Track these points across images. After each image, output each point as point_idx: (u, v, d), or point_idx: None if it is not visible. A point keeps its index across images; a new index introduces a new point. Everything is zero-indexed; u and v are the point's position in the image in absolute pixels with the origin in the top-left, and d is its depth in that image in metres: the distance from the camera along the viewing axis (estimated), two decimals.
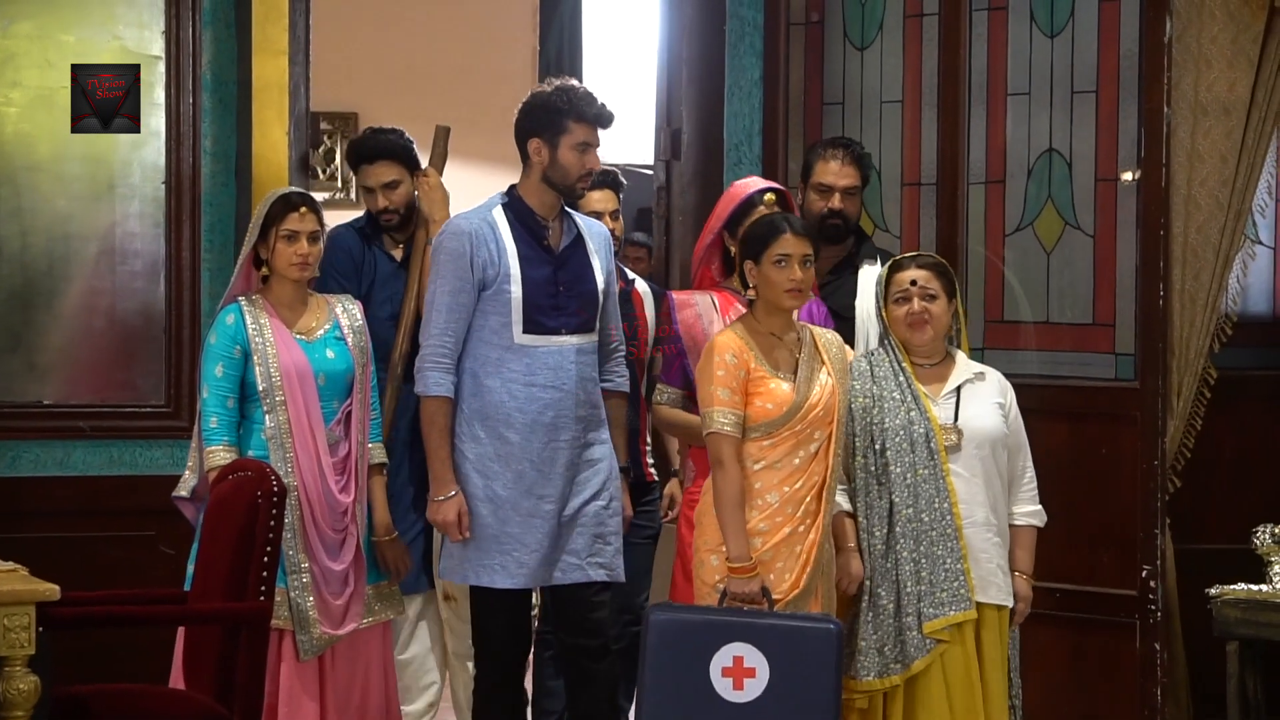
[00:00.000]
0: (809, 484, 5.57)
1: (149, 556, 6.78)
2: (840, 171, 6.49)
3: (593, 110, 5.81)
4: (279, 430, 5.91)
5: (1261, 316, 7.62)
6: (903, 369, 5.82)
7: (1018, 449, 5.90)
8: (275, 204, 5.96)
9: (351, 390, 6.03)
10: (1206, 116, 7.05)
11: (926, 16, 7.45)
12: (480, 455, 5.77)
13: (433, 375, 5.76)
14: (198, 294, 6.98)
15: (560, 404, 5.77)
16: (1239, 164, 7.07)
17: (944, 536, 5.70)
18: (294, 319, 6.01)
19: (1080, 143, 7.16)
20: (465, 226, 5.80)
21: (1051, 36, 7.24)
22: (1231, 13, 7.05)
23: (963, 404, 5.82)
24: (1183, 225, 7.00)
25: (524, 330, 5.75)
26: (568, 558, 5.80)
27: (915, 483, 5.73)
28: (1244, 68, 7.06)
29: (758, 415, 5.55)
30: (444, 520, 5.76)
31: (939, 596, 5.67)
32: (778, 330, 5.65)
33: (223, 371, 5.92)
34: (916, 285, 5.83)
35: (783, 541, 5.53)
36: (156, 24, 6.97)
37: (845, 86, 7.67)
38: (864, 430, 5.79)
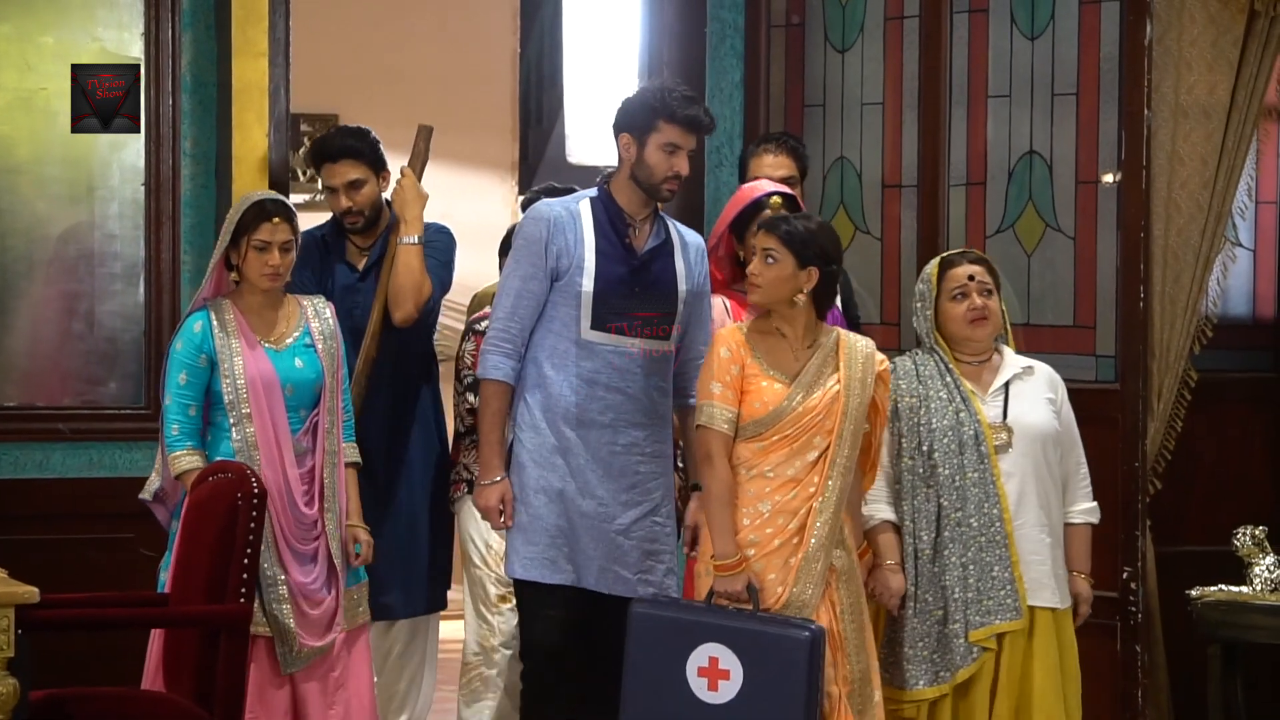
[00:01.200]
0: (804, 495, 5.38)
1: (129, 559, 6.76)
2: (775, 163, 6.46)
3: (685, 112, 5.61)
4: (245, 443, 5.83)
5: (1241, 319, 7.63)
6: (949, 368, 5.72)
7: (1071, 445, 5.81)
8: (249, 211, 5.86)
9: (320, 399, 5.93)
10: (1187, 119, 7.06)
11: (907, 19, 7.46)
12: (538, 446, 5.63)
13: (491, 358, 5.63)
14: (177, 296, 6.97)
15: (620, 407, 5.62)
16: (1219, 167, 7.08)
17: (993, 542, 5.59)
18: (263, 325, 5.92)
19: (1061, 145, 7.17)
20: (547, 212, 5.67)
21: (1032, 39, 7.25)
22: (1211, 16, 7.06)
23: (1012, 401, 5.71)
24: (1163, 228, 7.01)
25: (592, 326, 5.61)
26: (618, 569, 5.63)
27: (964, 485, 5.62)
28: (1224, 70, 7.07)
29: (747, 414, 5.39)
30: (486, 506, 5.64)
31: (985, 604, 5.57)
32: (789, 330, 5.46)
33: (186, 379, 5.84)
34: (975, 281, 5.72)
35: (774, 553, 5.37)
36: (136, 26, 6.95)
37: (826, 89, 7.67)
38: (910, 431, 5.68)
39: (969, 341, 5.73)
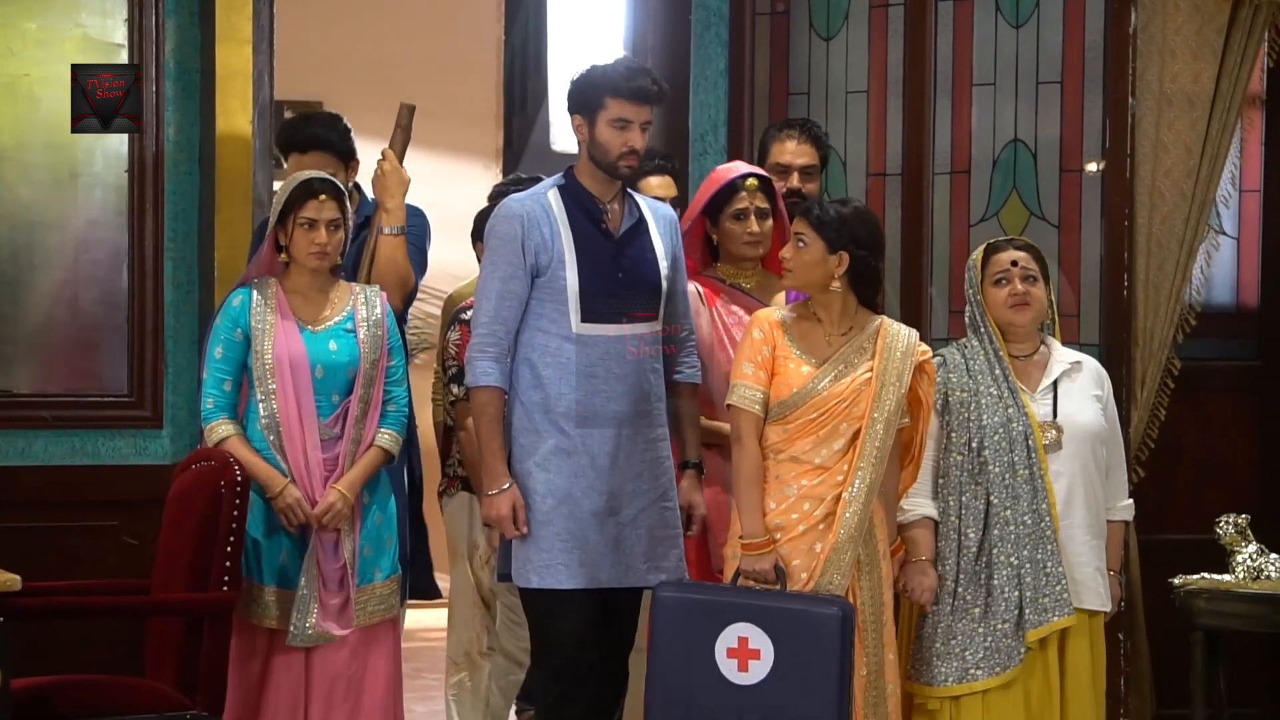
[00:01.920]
0: (831, 482, 5.31)
1: (112, 546, 6.76)
2: (797, 150, 6.33)
3: (630, 84, 5.43)
4: (272, 420, 5.66)
5: (1225, 307, 7.63)
6: (999, 360, 5.61)
7: (1114, 441, 5.74)
8: (296, 189, 5.69)
9: (354, 386, 5.73)
10: (1171, 107, 7.06)
11: (892, 7, 7.45)
12: (542, 449, 5.44)
13: (480, 364, 5.44)
14: (160, 283, 6.95)
15: (623, 397, 5.46)
16: (1203, 155, 7.08)
17: (1043, 540, 5.49)
18: (307, 307, 5.75)
19: (1045, 133, 7.17)
20: (517, 209, 5.48)
21: (1017, 27, 7.25)
22: (1196, 4, 7.06)
23: (1061, 399, 5.62)
24: (1147, 216, 7.01)
25: (583, 319, 5.44)
26: (628, 560, 5.46)
27: (1014, 484, 5.52)
28: (1208, 59, 7.07)
29: (774, 395, 5.33)
30: (498, 515, 5.41)
31: (1043, 602, 5.47)
32: (824, 315, 5.39)
33: (222, 353, 5.70)
34: (1018, 266, 5.62)
35: (799, 538, 5.30)
36: (119, 12, 6.93)
37: (810, 77, 7.66)
38: (961, 426, 5.57)
39: (1012, 327, 5.63)
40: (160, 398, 6.96)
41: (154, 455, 6.95)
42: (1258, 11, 7.10)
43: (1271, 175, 7.60)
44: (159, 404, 6.96)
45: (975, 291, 5.67)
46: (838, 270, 5.36)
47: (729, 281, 5.95)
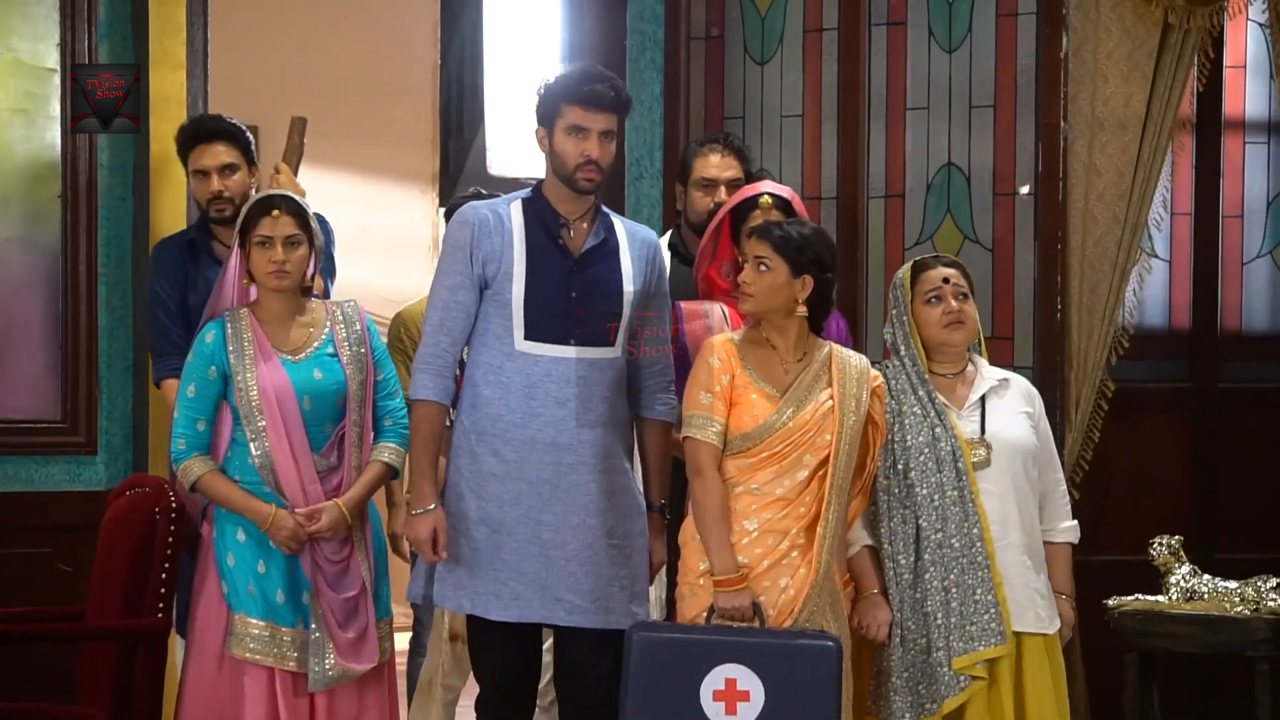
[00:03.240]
0: (795, 515, 5.06)
1: (45, 573, 6.71)
2: (722, 164, 6.06)
3: (582, 89, 5.17)
4: (265, 458, 5.40)
5: (1157, 329, 7.68)
6: (923, 381, 5.36)
7: (1049, 460, 5.49)
8: (250, 208, 5.47)
9: (346, 411, 5.49)
10: (1103, 131, 7.11)
11: (826, 31, 7.48)
12: (476, 472, 5.17)
13: (420, 378, 5.17)
14: (94, 308, 6.92)
15: (563, 422, 5.14)
16: (1135, 178, 7.13)
17: (974, 564, 5.24)
18: (282, 334, 5.48)
19: (979, 157, 7.21)
20: (472, 216, 5.22)
21: (950, 51, 7.28)
22: (1127, 29, 7.11)
23: (989, 415, 5.38)
24: (1080, 239, 7.06)
25: (525, 336, 5.16)
26: (571, 597, 5.14)
27: (943, 505, 5.27)
28: (1139, 83, 7.12)
29: (735, 427, 5.08)
30: (416, 537, 5.14)
31: (969, 630, 5.23)
32: (780, 341, 5.17)
33: (195, 392, 5.43)
34: (950, 284, 5.38)
35: (763, 574, 5.05)
36: (52, 37, 6.90)
37: (745, 101, 7.68)
38: (885, 450, 5.30)
39: (945, 347, 5.40)
40: (94, 424, 6.92)
41: (88, 481, 6.91)
42: (1187, 36, 7.16)
43: (1202, 198, 7.66)
44: (93, 430, 6.91)
45: (902, 311, 5.43)
46: (801, 294, 5.16)
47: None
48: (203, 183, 6.11)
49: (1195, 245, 7.68)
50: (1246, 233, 7.77)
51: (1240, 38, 7.64)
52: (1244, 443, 7.60)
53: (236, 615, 5.36)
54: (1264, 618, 6.44)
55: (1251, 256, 7.79)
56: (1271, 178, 7.76)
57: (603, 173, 5.24)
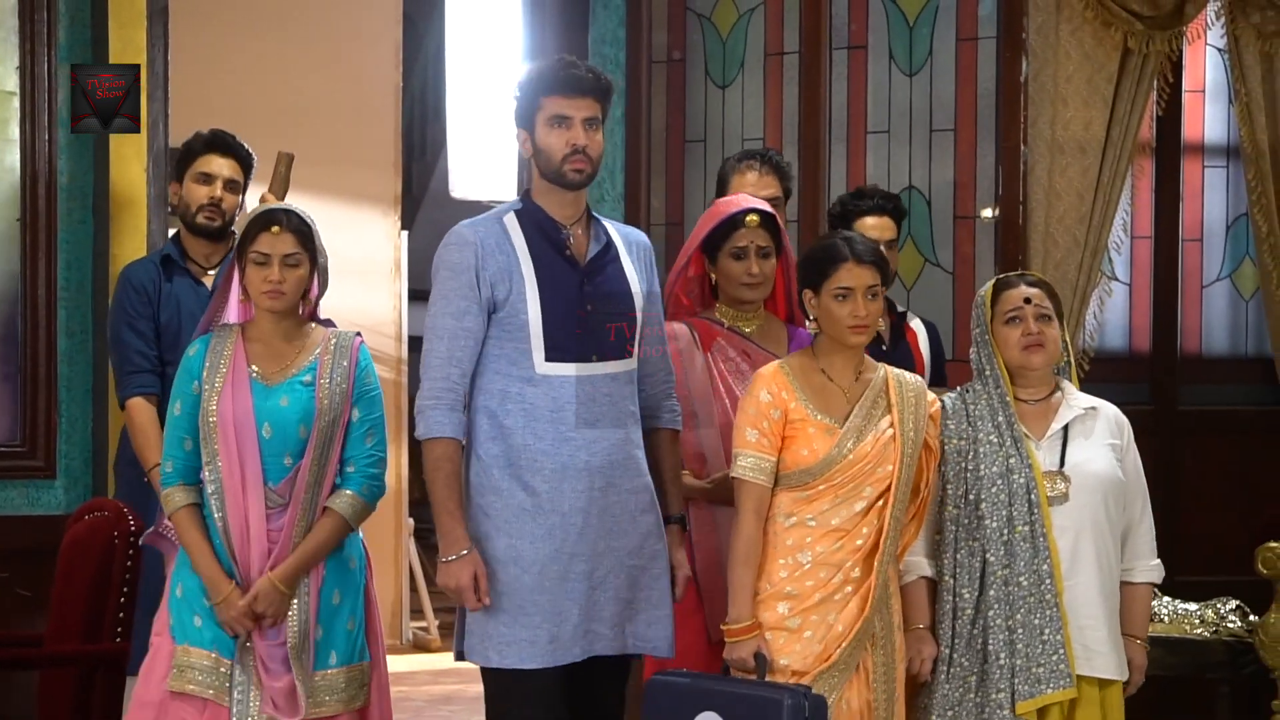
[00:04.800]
0: (850, 547, 4.81)
1: (3, 598, 6.67)
2: (759, 182, 5.78)
3: (560, 75, 4.87)
4: (217, 485, 5.02)
5: (1118, 352, 7.71)
6: (1004, 406, 5.04)
7: (1136, 495, 5.12)
8: (251, 222, 5.08)
9: (308, 445, 5.05)
10: (1063, 154, 7.13)
11: (787, 55, 7.50)
12: (502, 509, 4.82)
13: (434, 414, 4.81)
14: (53, 332, 6.89)
15: (595, 444, 4.84)
16: (1095, 201, 7.16)
17: (1042, 603, 4.93)
18: (267, 358, 5.09)
19: (939, 180, 7.23)
20: (470, 235, 4.87)
21: (910, 75, 7.31)
22: (1087, 53, 7.14)
23: (1071, 446, 5.04)
24: (1041, 262, 7.07)
25: (547, 358, 4.83)
26: (597, 626, 4.85)
27: (1012, 540, 4.95)
28: (1099, 107, 7.15)
29: (791, 462, 4.83)
30: (457, 585, 4.77)
31: (1035, 672, 4.91)
32: (835, 369, 4.90)
33: (181, 410, 5.06)
34: (1031, 304, 5.05)
35: (813, 608, 4.80)
36: (11, 59, 6.87)
37: (707, 124, 7.69)
38: (956, 478, 5.02)
39: (1025, 371, 5.07)
40: (53, 447, 6.89)
41: (47, 505, 6.88)
42: (1146, 61, 7.20)
43: (1162, 222, 7.70)
44: (52, 454, 6.88)
45: (983, 332, 5.11)
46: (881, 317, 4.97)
47: (728, 325, 5.37)
48: (203, 186, 6.00)
49: (1155, 268, 7.71)
50: (1206, 256, 7.81)
51: (1199, 62, 7.69)
52: (1204, 465, 7.63)
53: (179, 646, 5.01)
54: (1224, 640, 6.45)
55: (1211, 280, 7.82)
56: (1231, 201, 7.79)
57: (593, 164, 4.92)
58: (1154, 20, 7.18)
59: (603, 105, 4.94)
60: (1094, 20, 7.13)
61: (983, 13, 7.20)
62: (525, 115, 4.94)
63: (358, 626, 5.14)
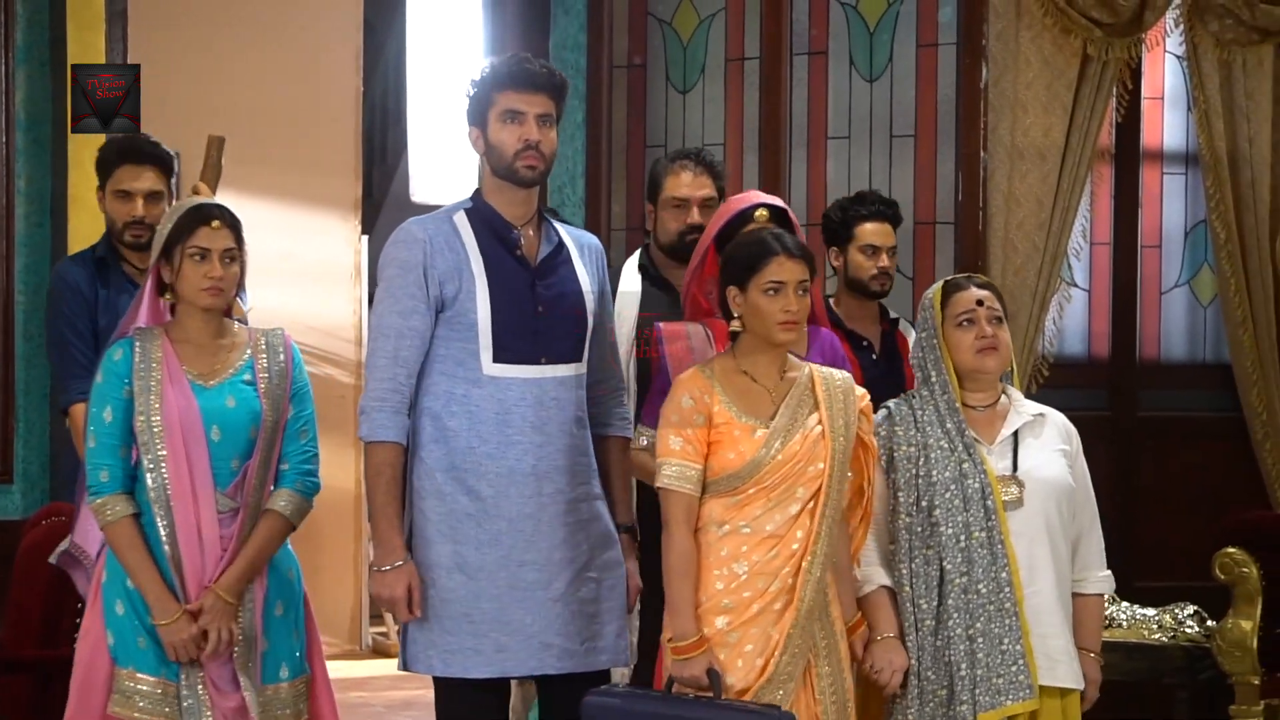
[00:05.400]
0: (786, 553, 4.61)
1: None
2: (695, 182, 5.68)
3: (514, 70, 4.77)
4: (161, 492, 4.78)
5: (1077, 358, 7.73)
6: (953, 411, 4.89)
7: (1084, 502, 5.00)
8: (183, 216, 4.85)
9: (255, 448, 4.87)
10: (1023, 161, 7.15)
11: (748, 61, 7.51)
12: (447, 515, 4.72)
13: (378, 417, 4.71)
14: (11, 337, 6.87)
15: (542, 449, 4.74)
16: (1055, 208, 7.18)
17: (1002, 611, 4.77)
18: (198, 357, 4.88)
19: (899, 186, 7.23)
20: (419, 232, 4.77)
21: (871, 81, 7.32)
22: (1046, 60, 7.17)
23: (1022, 452, 4.91)
24: (1000, 268, 7.09)
25: (495, 359, 4.73)
26: (560, 641, 4.74)
27: (970, 547, 4.80)
28: (1059, 113, 7.17)
29: (718, 468, 4.62)
30: (390, 596, 4.67)
31: (996, 683, 4.75)
32: (759, 369, 4.70)
33: (112, 416, 4.81)
34: (983, 306, 4.90)
35: (751, 621, 4.59)
36: None
37: (668, 130, 7.69)
38: (908, 485, 4.87)
39: (977, 375, 4.91)
40: (10, 452, 6.87)
41: (4, 510, 6.86)
42: (1106, 68, 7.22)
43: (1121, 228, 7.72)
44: (9, 458, 6.86)
45: (932, 335, 4.95)
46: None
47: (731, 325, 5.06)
48: (124, 204, 5.82)
49: (1114, 275, 7.74)
50: (1164, 262, 7.84)
51: (1158, 70, 7.72)
52: (1162, 471, 7.66)
53: (124, 670, 4.79)
54: (1181, 645, 6.48)
55: (1170, 286, 7.85)
56: (1189, 208, 7.82)
57: (545, 161, 4.83)
58: (1113, 27, 7.20)
59: (557, 103, 4.86)
60: (1054, 27, 7.15)
61: (943, 19, 7.22)
62: (478, 111, 4.83)
63: (300, 639, 4.99)
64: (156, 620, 4.75)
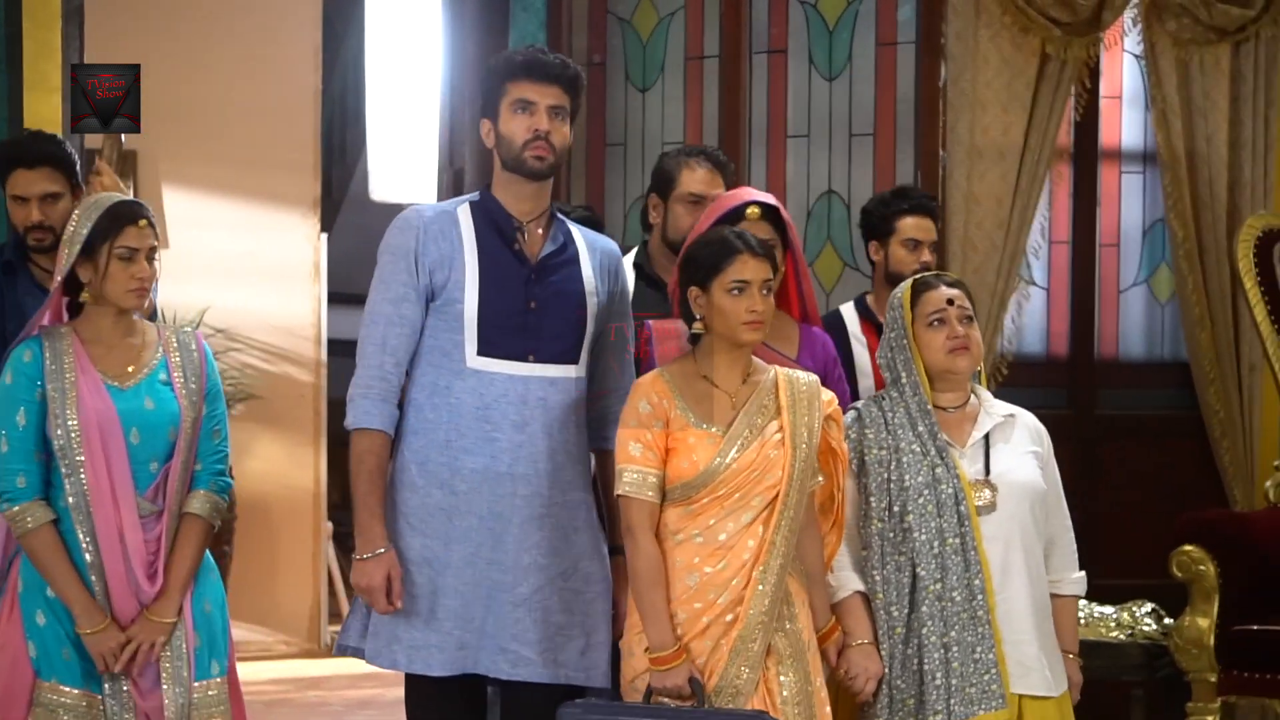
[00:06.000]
0: (736, 564, 4.47)
1: None
2: (710, 179, 5.48)
3: (527, 60, 4.66)
4: (80, 499, 4.64)
5: (1036, 356, 7.74)
6: (925, 414, 4.78)
7: (1056, 504, 4.92)
8: (104, 216, 4.69)
9: (175, 449, 4.73)
10: (982, 160, 7.17)
11: (707, 59, 7.51)
12: (418, 507, 4.61)
13: (363, 404, 4.60)
14: None
15: (521, 449, 4.60)
16: (1013, 206, 7.19)
17: (975, 619, 4.68)
18: (111, 358, 4.74)
19: (858, 184, 7.25)
20: (415, 219, 4.67)
21: (830, 80, 7.33)
22: (1005, 59, 7.18)
23: (994, 454, 4.82)
24: (960, 266, 7.10)
25: (479, 352, 4.61)
26: (517, 647, 4.60)
27: (943, 553, 4.70)
28: (1018, 112, 7.19)
29: (674, 475, 4.48)
30: (368, 585, 4.55)
31: (969, 693, 4.65)
32: (720, 373, 4.56)
33: (26, 419, 4.65)
34: (954, 306, 4.80)
35: (703, 633, 4.46)
36: None
37: (627, 128, 7.69)
38: (880, 490, 4.77)
39: (949, 375, 4.82)
40: None
41: None
42: (1064, 67, 7.24)
43: (1079, 227, 7.73)
44: None
45: (901, 335, 4.85)
46: None
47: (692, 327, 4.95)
48: (20, 209, 5.59)
49: (1073, 273, 7.75)
50: (1123, 261, 7.85)
51: (1116, 69, 7.73)
52: (1121, 469, 7.67)
53: (46, 683, 4.66)
54: (1139, 643, 6.50)
55: (1128, 284, 7.87)
56: (1147, 207, 7.84)
57: (555, 153, 4.67)
58: (1072, 26, 7.22)
59: (571, 97, 4.71)
60: (1012, 26, 7.16)
61: (902, 18, 7.23)
62: (489, 103, 4.71)
63: (224, 638, 4.87)
64: (83, 630, 4.64)
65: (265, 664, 9.48)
